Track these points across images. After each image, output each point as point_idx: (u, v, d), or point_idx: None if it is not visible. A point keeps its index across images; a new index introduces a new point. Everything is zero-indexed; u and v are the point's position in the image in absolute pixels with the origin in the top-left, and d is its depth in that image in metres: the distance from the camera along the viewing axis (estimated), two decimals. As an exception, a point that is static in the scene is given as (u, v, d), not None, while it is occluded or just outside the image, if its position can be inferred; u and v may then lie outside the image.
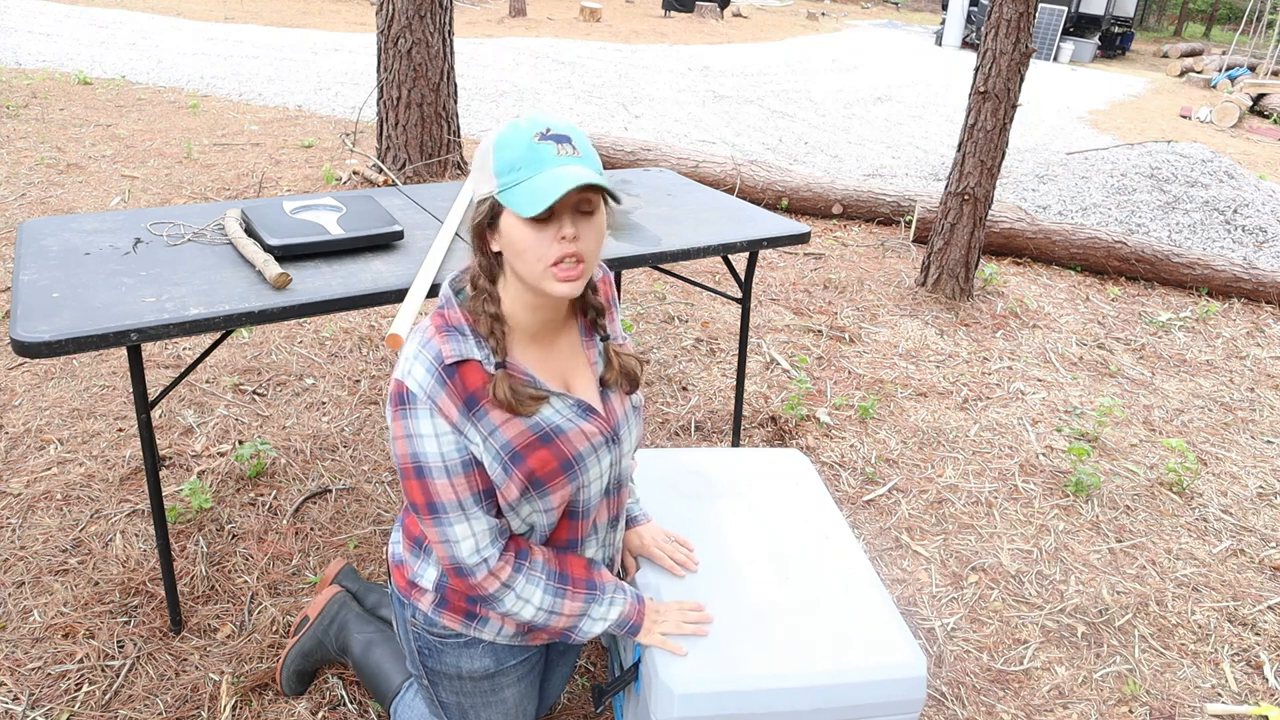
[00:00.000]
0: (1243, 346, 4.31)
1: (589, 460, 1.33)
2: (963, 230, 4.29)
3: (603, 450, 1.35)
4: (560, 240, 1.17)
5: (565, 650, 1.65)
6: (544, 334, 1.32)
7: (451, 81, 5.44)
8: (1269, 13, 20.89)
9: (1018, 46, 3.94)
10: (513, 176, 1.15)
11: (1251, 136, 11.56)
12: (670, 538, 1.67)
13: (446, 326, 1.25)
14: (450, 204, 2.48)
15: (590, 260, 1.21)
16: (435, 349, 1.23)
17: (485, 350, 1.25)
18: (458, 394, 1.22)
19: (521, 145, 1.16)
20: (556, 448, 1.29)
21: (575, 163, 1.16)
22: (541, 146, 1.15)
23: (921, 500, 2.79)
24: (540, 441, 1.28)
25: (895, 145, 8.50)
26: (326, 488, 2.55)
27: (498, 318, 1.25)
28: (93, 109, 6.62)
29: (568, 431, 1.30)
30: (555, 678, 1.65)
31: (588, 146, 1.20)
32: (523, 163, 1.15)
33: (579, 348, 1.37)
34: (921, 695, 1.50)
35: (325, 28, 12.64)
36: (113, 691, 1.84)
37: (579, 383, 1.36)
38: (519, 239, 1.17)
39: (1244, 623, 2.39)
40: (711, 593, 1.58)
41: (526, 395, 1.25)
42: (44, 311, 1.61)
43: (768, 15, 22.88)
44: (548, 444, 1.28)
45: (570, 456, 1.30)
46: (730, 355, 3.63)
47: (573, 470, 1.31)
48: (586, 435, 1.32)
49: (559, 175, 1.12)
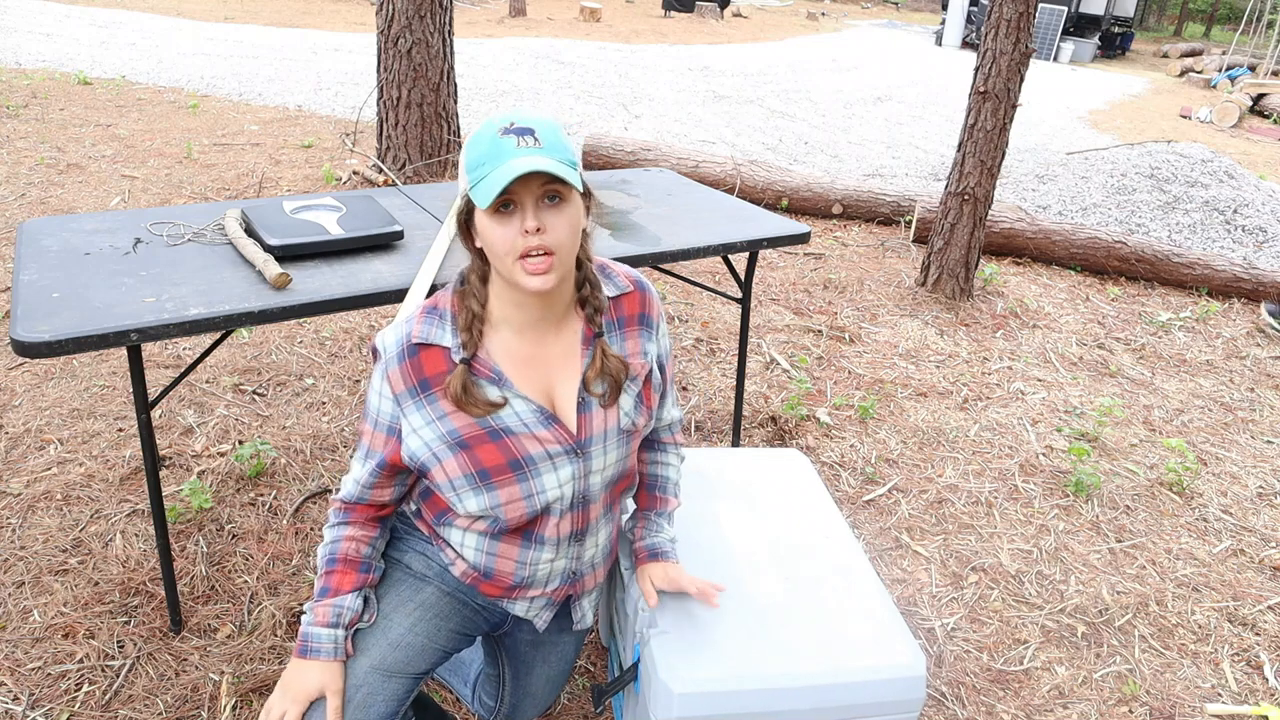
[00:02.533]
0: (1243, 346, 4.31)
1: (542, 465, 1.31)
2: (963, 230, 4.29)
3: (561, 460, 1.32)
4: (524, 234, 1.17)
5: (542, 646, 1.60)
6: (533, 333, 1.31)
7: (451, 81, 5.44)
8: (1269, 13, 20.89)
9: (1018, 46, 3.94)
10: (478, 172, 1.16)
11: (1251, 136, 11.55)
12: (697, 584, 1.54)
13: (433, 308, 1.31)
14: (450, 204, 2.48)
15: (562, 251, 1.20)
16: (411, 326, 1.29)
17: (457, 340, 1.28)
18: (411, 375, 1.28)
19: (485, 141, 1.17)
20: (505, 445, 1.29)
21: (534, 153, 1.15)
22: (503, 140, 1.16)
23: (921, 500, 2.79)
24: (488, 436, 1.29)
25: (895, 145, 8.49)
26: (326, 488, 2.55)
27: (477, 316, 1.28)
28: (93, 109, 6.62)
29: (519, 434, 1.30)
30: (537, 675, 1.61)
31: (555, 139, 1.19)
32: (486, 158, 1.16)
33: (575, 351, 1.35)
34: (921, 695, 1.50)
35: (325, 28, 12.64)
36: (113, 691, 1.84)
37: (563, 388, 1.34)
38: (486, 233, 1.19)
39: (1244, 623, 2.39)
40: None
41: (479, 398, 1.27)
42: (44, 311, 1.61)
43: (768, 15, 22.88)
44: (495, 440, 1.29)
45: (520, 456, 1.30)
46: (730, 355, 3.63)
47: (522, 471, 1.30)
48: (541, 441, 1.31)
49: (512, 166, 1.13)
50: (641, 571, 1.56)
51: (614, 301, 1.40)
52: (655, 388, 1.46)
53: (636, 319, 1.42)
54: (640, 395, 1.41)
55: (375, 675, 1.32)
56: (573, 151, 1.22)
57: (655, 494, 1.60)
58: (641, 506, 1.61)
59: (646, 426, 1.45)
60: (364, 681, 1.31)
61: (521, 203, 1.17)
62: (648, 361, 1.43)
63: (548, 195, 1.18)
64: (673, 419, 1.60)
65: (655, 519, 1.60)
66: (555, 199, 1.19)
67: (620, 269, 1.44)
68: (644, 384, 1.42)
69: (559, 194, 1.19)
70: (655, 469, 1.60)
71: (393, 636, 1.37)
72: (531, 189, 1.17)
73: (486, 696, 1.70)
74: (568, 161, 1.19)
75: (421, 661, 1.39)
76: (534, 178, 1.16)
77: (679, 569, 1.55)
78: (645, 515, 1.60)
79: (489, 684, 1.69)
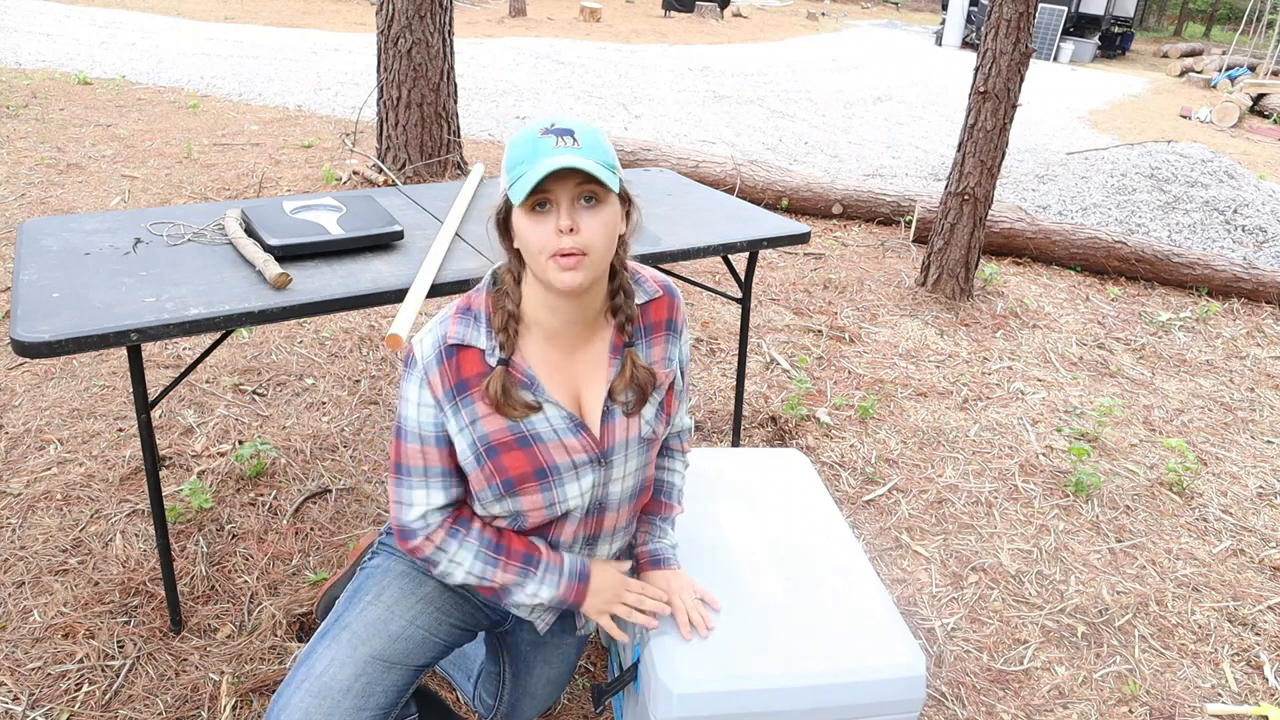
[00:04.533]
0: (1243, 346, 4.31)
1: (566, 475, 1.32)
2: (963, 230, 4.29)
3: (585, 469, 1.34)
4: (558, 233, 1.16)
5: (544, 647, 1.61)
6: (564, 338, 1.31)
7: (451, 81, 5.44)
8: (1269, 13, 20.89)
9: (1018, 46, 3.94)
10: (516, 170, 1.16)
11: (1251, 136, 11.55)
12: (697, 594, 1.54)
13: (467, 309, 1.30)
14: (450, 204, 2.47)
15: (595, 253, 1.19)
16: (446, 327, 1.28)
17: (494, 342, 1.27)
18: (450, 376, 1.27)
19: (526, 141, 1.17)
20: (533, 454, 1.29)
21: (572, 153, 1.15)
22: (542, 140, 1.16)
23: (921, 500, 2.79)
24: (517, 443, 1.29)
25: (895, 145, 8.49)
26: (326, 488, 2.55)
27: (513, 315, 1.27)
28: (93, 109, 6.62)
29: (548, 442, 1.30)
30: (537, 676, 1.62)
31: (595, 141, 1.18)
32: (525, 156, 1.16)
33: (604, 359, 1.35)
34: (921, 695, 1.50)
35: (325, 28, 12.64)
36: (113, 691, 1.84)
37: (590, 395, 1.34)
38: (522, 230, 1.19)
39: (1244, 623, 2.39)
40: (712, 592, 1.58)
41: (518, 400, 1.27)
42: (44, 311, 1.61)
43: (768, 15, 22.88)
44: (524, 447, 1.29)
45: (545, 465, 1.30)
46: (730, 355, 3.63)
47: (546, 480, 1.31)
48: (568, 450, 1.31)
49: (548, 163, 1.13)
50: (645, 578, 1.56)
51: (642, 307, 1.39)
52: (677, 394, 1.47)
53: (664, 325, 1.42)
54: (662, 404, 1.42)
55: (375, 665, 1.33)
56: (613, 156, 1.21)
57: (660, 499, 1.61)
58: (645, 511, 1.61)
59: (664, 434, 1.46)
60: (364, 671, 1.31)
61: (557, 201, 1.17)
62: (672, 369, 1.43)
63: (584, 196, 1.18)
64: (684, 426, 1.61)
65: (659, 524, 1.60)
66: (591, 200, 1.18)
67: (649, 274, 1.43)
68: (666, 392, 1.43)
69: (595, 195, 1.18)
70: (661, 474, 1.61)
71: (394, 629, 1.38)
72: (568, 188, 1.16)
73: (486, 694, 1.71)
74: (607, 164, 1.18)
75: (422, 654, 1.40)
76: (570, 176, 1.16)
77: (681, 576, 1.55)
78: (649, 520, 1.60)
79: (489, 681, 1.69)
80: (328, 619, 1.40)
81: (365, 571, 1.48)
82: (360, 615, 1.38)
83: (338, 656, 1.31)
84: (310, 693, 1.27)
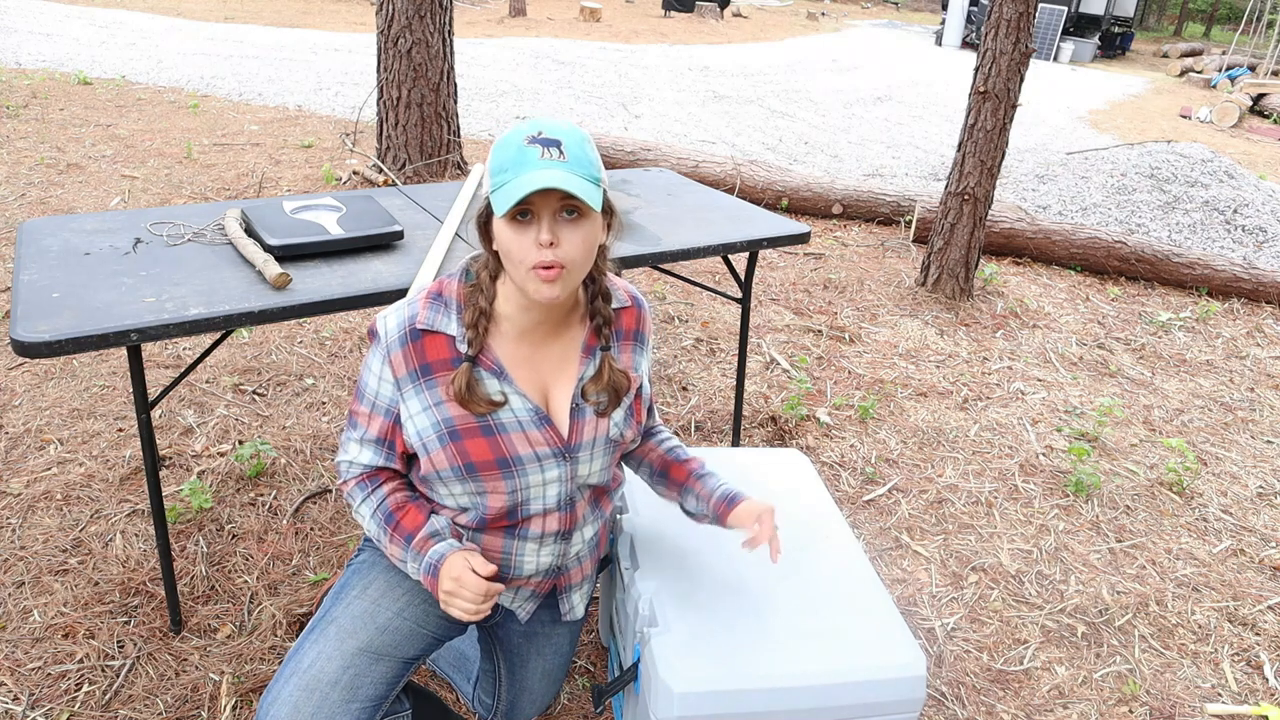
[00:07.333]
0: (1243, 346, 4.31)
1: (529, 466, 1.33)
2: (963, 230, 4.29)
3: (549, 462, 1.35)
4: (538, 245, 1.17)
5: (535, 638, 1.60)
6: (535, 334, 1.33)
7: (451, 81, 5.44)
8: (1269, 13, 20.89)
9: (1018, 46, 3.94)
10: (500, 178, 1.17)
11: (1251, 136, 11.56)
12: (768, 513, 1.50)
13: (438, 294, 1.32)
14: (450, 204, 2.48)
15: (574, 267, 1.20)
16: (415, 310, 1.30)
17: (463, 331, 1.29)
18: (413, 358, 1.29)
19: (512, 147, 1.17)
20: (495, 442, 1.31)
21: (557, 167, 1.15)
22: (529, 149, 1.16)
23: (921, 500, 2.79)
24: (481, 431, 1.30)
25: (895, 145, 8.49)
26: (326, 488, 2.55)
27: (485, 313, 1.29)
28: (93, 109, 6.62)
29: (511, 432, 1.31)
30: (532, 669, 1.62)
31: (581, 152, 1.18)
32: (510, 164, 1.16)
33: (574, 356, 1.37)
34: (921, 695, 1.50)
35: (325, 28, 12.64)
36: (113, 691, 1.84)
37: (557, 391, 1.36)
38: (503, 238, 1.20)
39: (1244, 623, 2.39)
40: (712, 592, 1.58)
41: (481, 397, 1.29)
42: (44, 311, 1.61)
43: (768, 15, 22.88)
44: (488, 436, 1.30)
45: (508, 455, 1.31)
46: (730, 355, 3.63)
47: (509, 469, 1.32)
48: (531, 442, 1.32)
49: (532, 178, 1.13)
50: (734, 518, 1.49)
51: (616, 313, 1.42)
52: (644, 401, 1.50)
53: (632, 334, 1.45)
54: (631, 409, 1.44)
55: (363, 657, 1.33)
56: (598, 167, 1.21)
57: (683, 462, 1.59)
58: (682, 479, 1.58)
59: (632, 441, 1.49)
60: (352, 663, 1.32)
61: (539, 214, 1.17)
62: (638, 376, 1.46)
63: (565, 209, 1.18)
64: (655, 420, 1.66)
65: (704, 474, 1.57)
66: (573, 213, 1.19)
67: (621, 284, 1.46)
68: (635, 398, 1.45)
69: (577, 209, 1.19)
70: (666, 445, 1.62)
71: (381, 620, 1.38)
72: (550, 202, 1.17)
73: (484, 694, 1.71)
74: (591, 177, 1.18)
75: (410, 646, 1.40)
76: (553, 191, 1.16)
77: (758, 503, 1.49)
78: (695, 476, 1.57)
79: (486, 680, 1.69)
80: (316, 615, 1.41)
81: (352, 567, 1.49)
82: (347, 609, 1.39)
83: (325, 650, 1.32)
84: (298, 686, 1.28)
